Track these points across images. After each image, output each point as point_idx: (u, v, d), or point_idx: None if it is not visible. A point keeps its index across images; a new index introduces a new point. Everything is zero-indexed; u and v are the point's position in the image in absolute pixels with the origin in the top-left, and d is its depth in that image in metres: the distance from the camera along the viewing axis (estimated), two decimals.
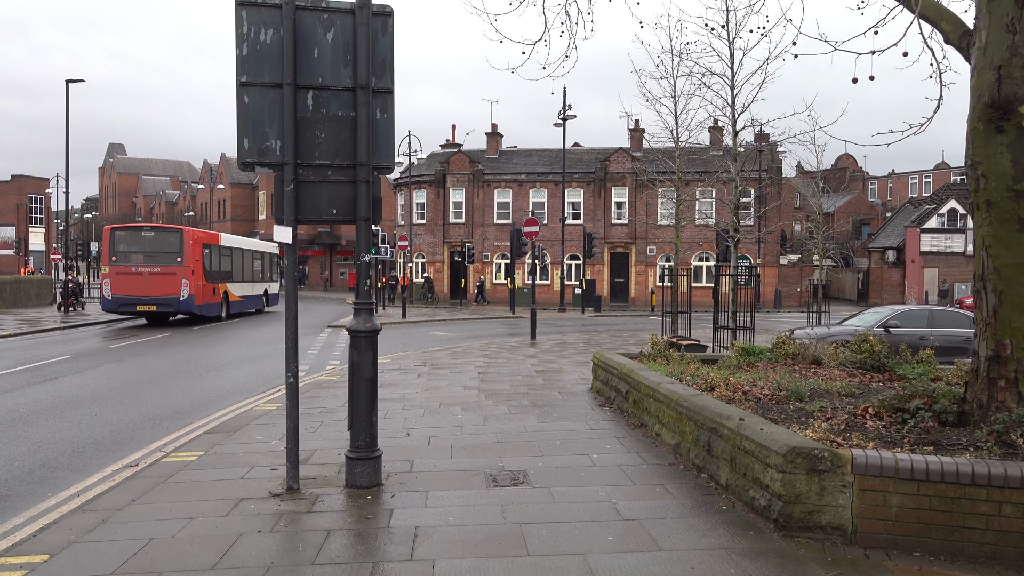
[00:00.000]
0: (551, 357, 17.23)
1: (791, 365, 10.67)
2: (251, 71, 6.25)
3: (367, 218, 6.50)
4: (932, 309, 17.36)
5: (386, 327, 27.80)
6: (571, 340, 22.59)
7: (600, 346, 20.55)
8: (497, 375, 13.88)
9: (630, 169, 48.34)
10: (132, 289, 25.14)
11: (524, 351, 18.80)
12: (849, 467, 5.10)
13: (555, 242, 48.23)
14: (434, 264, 50.84)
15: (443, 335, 25.15)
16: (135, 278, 25.15)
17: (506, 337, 24.39)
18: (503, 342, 21.65)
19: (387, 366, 15.38)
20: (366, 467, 6.51)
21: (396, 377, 13.74)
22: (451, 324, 30.27)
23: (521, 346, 20.33)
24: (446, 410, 10.27)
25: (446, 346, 20.44)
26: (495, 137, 53.26)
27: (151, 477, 7.07)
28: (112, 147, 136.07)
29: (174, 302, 25.41)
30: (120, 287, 25.21)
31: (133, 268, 25.21)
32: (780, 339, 11.36)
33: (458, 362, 16.02)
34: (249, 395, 12.35)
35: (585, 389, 12.13)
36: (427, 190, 50.95)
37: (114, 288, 25.29)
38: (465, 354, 17.88)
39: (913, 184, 76.00)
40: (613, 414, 9.79)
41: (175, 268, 25.34)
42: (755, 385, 8.56)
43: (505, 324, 30.90)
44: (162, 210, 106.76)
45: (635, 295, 48.64)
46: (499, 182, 50.02)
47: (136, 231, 26.82)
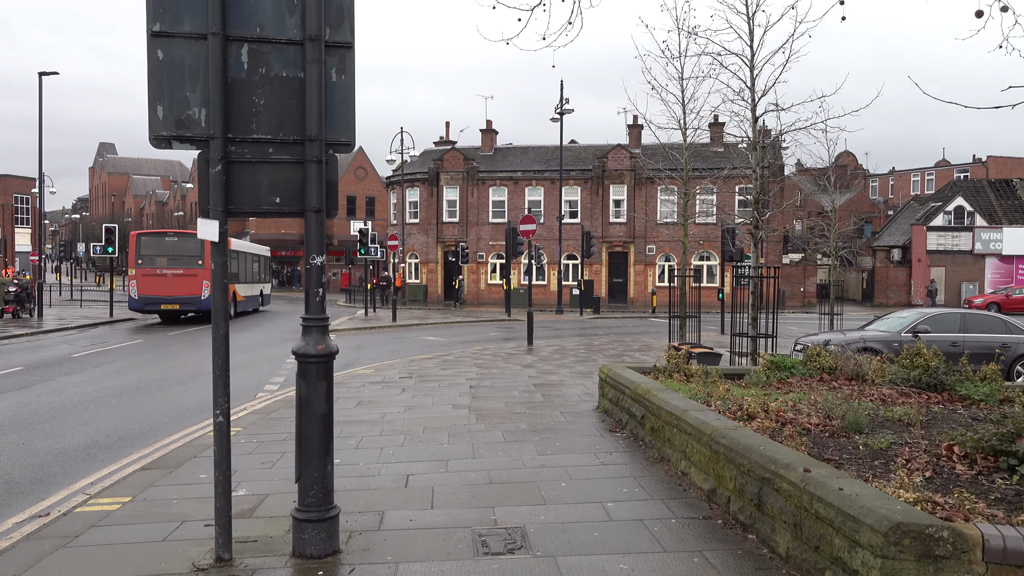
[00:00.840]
0: (550, 367, 15.78)
1: (828, 381, 9.24)
2: (167, 17, 4.79)
3: (319, 208, 5.03)
4: (964, 313, 15.97)
5: (375, 331, 26.32)
6: (570, 346, 21.15)
7: (602, 353, 19.10)
8: (491, 389, 12.42)
9: (629, 166, 46.97)
10: (157, 290, 27.05)
11: (520, 359, 17.35)
12: (979, 552, 3.65)
13: (552, 241, 46.78)
14: (427, 264, 49.36)
15: (434, 340, 23.70)
16: (160, 279, 27.05)
17: (501, 342, 22.94)
18: (498, 348, 20.21)
19: (370, 378, 13.91)
20: (318, 531, 5.03)
21: (377, 393, 12.27)
22: (443, 328, 28.82)
23: (517, 353, 18.88)
24: (430, 437, 8.79)
25: (436, 353, 18.99)
26: (490, 134, 51.80)
27: (51, 537, 5.59)
28: (103, 147, 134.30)
29: (196, 301, 27.20)
30: (146, 288, 27.09)
31: (158, 270, 27.09)
32: (814, 351, 9.92)
33: (448, 373, 14.56)
34: (211, 415, 10.88)
35: (591, 408, 10.68)
36: (420, 188, 49.47)
37: (140, 289, 27.15)
38: (456, 363, 16.42)
39: (915, 182, 74.72)
40: (627, 443, 8.33)
41: (197, 270, 26.88)
42: (799, 412, 7.11)
43: (500, 328, 29.46)
44: (152, 210, 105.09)
45: (634, 296, 47.23)
46: (494, 180, 48.57)
47: (160, 236, 28.96)
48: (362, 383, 13.30)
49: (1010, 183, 52.44)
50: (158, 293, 27.09)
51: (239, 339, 22.14)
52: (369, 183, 71.84)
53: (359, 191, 71.95)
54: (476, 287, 48.62)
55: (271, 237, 67.64)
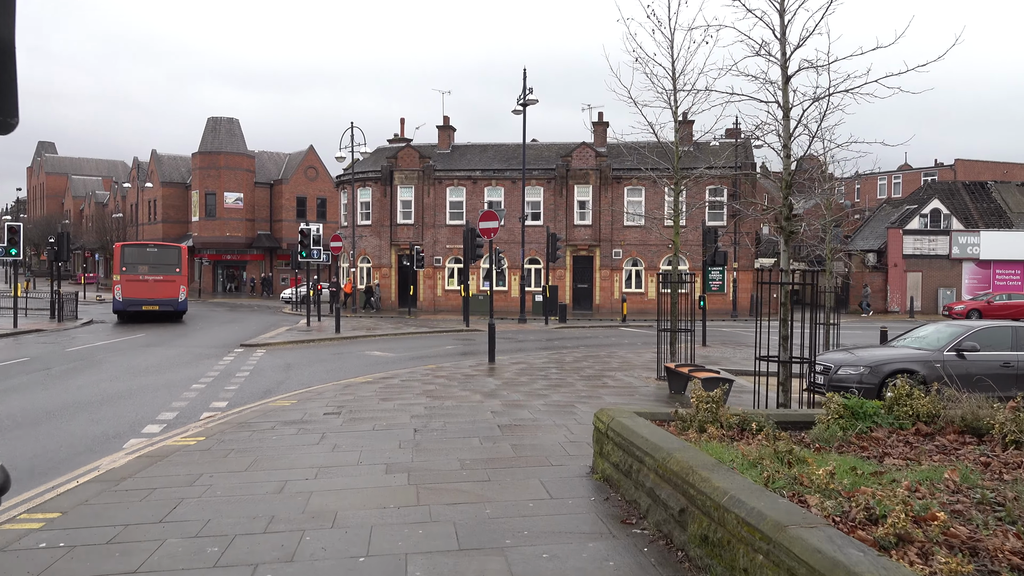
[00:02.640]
0: (519, 395, 12.68)
1: (930, 437, 6.32)
2: None
3: None
4: (1016, 327, 13.27)
5: (314, 345, 23.01)
6: (539, 363, 18.11)
7: (577, 373, 16.08)
8: (441, 436, 9.28)
9: (594, 165, 44.21)
10: (139, 293, 30.75)
11: (481, 383, 14.24)
12: None
13: (513, 244, 43.76)
14: (380, 269, 45.98)
15: (381, 356, 20.48)
16: (142, 284, 30.84)
17: (458, 358, 19.83)
18: (454, 367, 17.08)
19: (286, 415, 10.69)
20: None
21: (287, 440, 9.06)
22: (394, 341, 25.57)
23: (477, 374, 15.77)
24: (338, 543, 5.59)
25: (380, 374, 15.79)
26: (447, 131, 48.66)
27: None
28: (41, 145, 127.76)
29: (173, 303, 31.39)
30: (129, 292, 30.67)
31: (140, 276, 30.84)
32: (901, 390, 6.98)
33: (388, 407, 11.38)
34: (44, 478, 7.59)
35: (582, 470, 7.58)
36: (373, 188, 46.11)
37: (124, 293, 30.60)
38: (402, 390, 13.25)
39: (882, 185, 73.35)
40: (656, 554, 5.23)
41: (174, 277, 31.54)
42: (968, 519, 4.13)
43: (458, 340, 26.31)
44: (92, 211, 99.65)
45: (600, 302, 44.43)
46: (452, 179, 45.42)
47: (142, 247, 33.05)
48: (272, 424, 10.07)
49: (984, 185, 50.90)
50: (140, 296, 30.75)
51: (90, 378, 18.73)
52: (320, 184, 68.17)
53: (309, 192, 68.28)
54: (432, 293, 45.41)
55: (214, 240, 63.66)
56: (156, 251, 32.39)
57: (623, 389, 13.76)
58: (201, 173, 63.44)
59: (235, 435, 9.32)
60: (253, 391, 13.81)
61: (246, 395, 13.33)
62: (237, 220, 63.96)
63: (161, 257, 31.91)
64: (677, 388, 13.36)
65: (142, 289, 30.80)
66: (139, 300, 30.66)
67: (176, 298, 31.37)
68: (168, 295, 31.22)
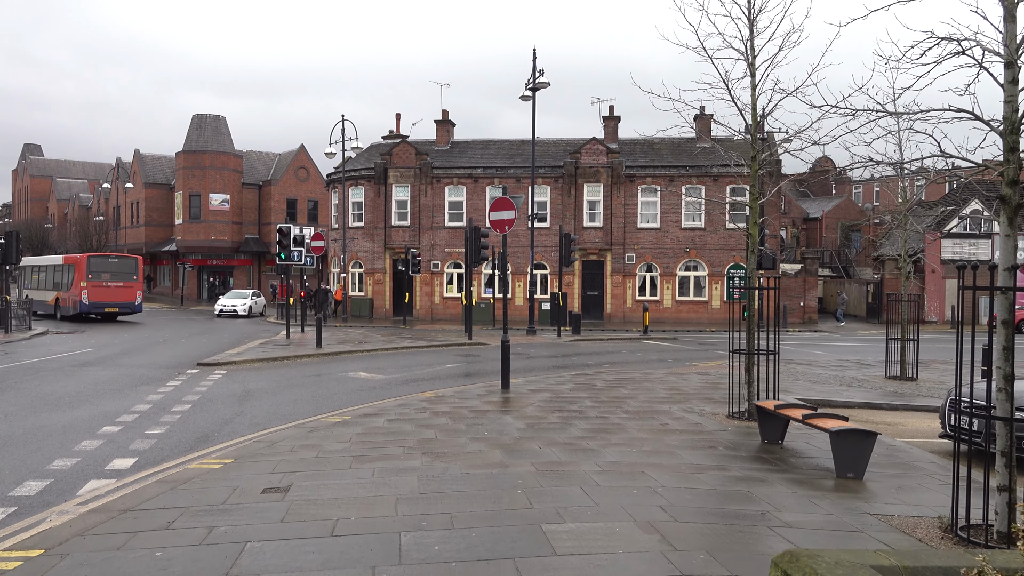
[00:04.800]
0: (556, 452, 8.86)
1: None
2: None
3: None
4: None
5: (288, 364, 19.19)
6: (565, 390, 14.33)
7: (621, 406, 12.27)
8: (449, 556, 5.52)
9: (605, 162, 40.53)
10: (102, 297, 34.52)
11: (497, 426, 10.46)
12: None
13: (519, 248, 40.03)
14: (374, 274, 42.17)
15: (367, 379, 16.67)
16: (104, 289, 34.64)
17: (462, 381, 16.07)
18: (458, 397, 13.29)
19: (202, 493, 6.88)
20: None
21: (176, 566, 5.28)
22: (384, 357, 21.75)
23: (489, 408, 11.99)
24: None
25: (362, 409, 12.00)
26: (446, 125, 44.98)
27: None
28: (27, 148, 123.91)
29: (131, 305, 35.76)
30: (94, 296, 34.30)
31: (103, 283, 34.72)
32: None
33: (363, 477, 7.57)
34: None
35: None
36: (365, 187, 42.35)
37: (90, 297, 34.18)
38: (387, 442, 9.44)
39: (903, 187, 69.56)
40: None
41: (132, 283, 36.04)
42: None
43: (460, 356, 22.49)
44: (76, 215, 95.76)
45: (611, 311, 40.65)
46: (451, 177, 41.67)
47: (105, 258, 37.20)
48: (171, 518, 6.27)
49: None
50: (103, 300, 34.54)
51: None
52: (312, 185, 64.35)
53: (300, 194, 64.44)
54: (430, 301, 41.60)
55: (199, 244, 59.82)
56: (117, 261, 36.79)
57: (694, 436, 9.98)
58: (185, 173, 59.63)
59: (94, 549, 5.53)
60: (182, 438, 10.00)
61: (170, 445, 9.54)
62: (223, 223, 60.10)
63: (121, 266, 36.34)
64: (772, 435, 9.60)
65: (105, 294, 34.66)
66: (102, 303, 34.61)
67: (133, 301, 35.84)
68: (127, 299, 35.55)
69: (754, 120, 11.58)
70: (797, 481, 7.65)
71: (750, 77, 11.51)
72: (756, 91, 11.48)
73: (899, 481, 7.82)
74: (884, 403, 14.06)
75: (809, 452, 9.14)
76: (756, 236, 11.83)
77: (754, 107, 11.54)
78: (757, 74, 11.46)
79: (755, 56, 11.42)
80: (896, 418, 12.95)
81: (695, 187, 41.14)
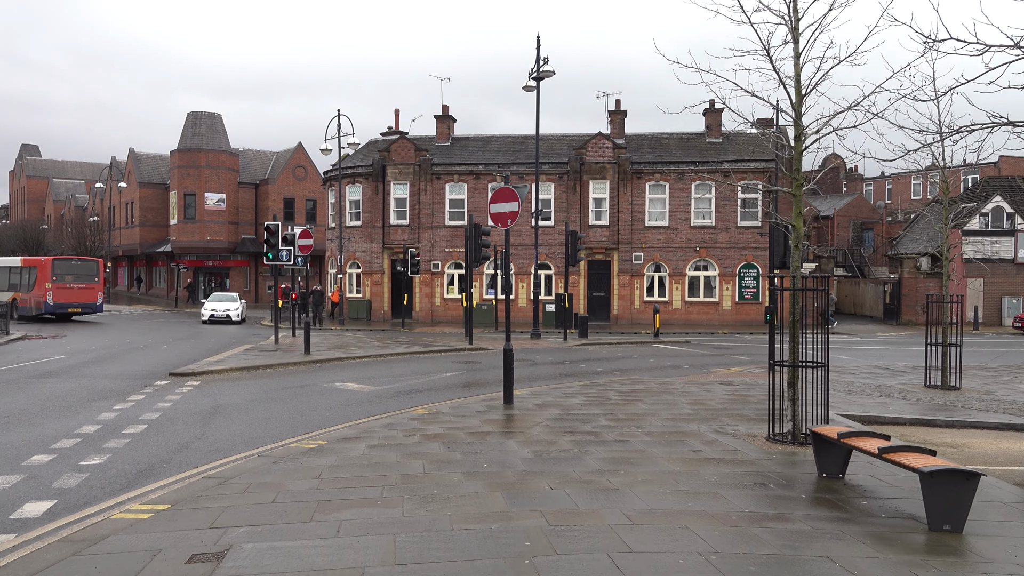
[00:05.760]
0: (570, 495, 7.19)
1: None
2: None
3: None
4: None
5: (271, 372, 17.55)
6: (576, 404, 12.68)
7: (640, 425, 10.61)
8: None
9: (612, 158, 38.85)
10: (66, 298, 35.52)
11: (498, 455, 8.81)
12: None
13: (523, 247, 38.38)
14: (372, 275, 40.54)
15: (355, 390, 15.03)
16: (68, 291, 35.66)
17: (460, 393, 14.43)
18: (455, 414, 11.64)
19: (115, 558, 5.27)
20: None
21: None
22: (377, 364, 20.10)
23: (490, 430, 10.34)
24: None
25: (342, 430, 10.35)
26: (446, 121, 43.32)
27: None
28: (25, 148, 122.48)
29: (92, 305, 36.76)
30: (58, 297, 35.23)
31: (67, 285, 35.71)
32: None
33: (326, 533, 5.92)
34: None
35: None
36: (363, 184, 40.72)
37: (54, 298, 35.09)
38: (364, 475, 7.79)
39: (916, 185, 67.94)
40: None
41: (94, 285, 37.03)
42: None
43: (459, 363, 20.83)
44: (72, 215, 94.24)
45: (618, 312, 38.95)
46: (451, 174, 40.03)
47: (68, 260, 37.91)
48: None
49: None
50: (66, 300, 35.58)
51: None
52: (309, 184, 62.75)
53: (298, 193, 62.84)
54: (430, 302, 39.97)
55: (195, 245, 58.27)
56: (80, 264, 37.91)
57: (736, 468, 8.31)
58: (180, 172, 58.05)
59: None
60: (121, 471, 8.36)
61: (103, 481, 7.91)
62: (219, 223, 58.52)
63: (84, 269, 37.53)
64: (831, 468, 7.92)
65: (68, 295, 35.77)
66: (66, 304, 35.73)
67: (94, 302, 36.95)
68: (89, 300, 36.74)
69: (798, 94, 9.89)
70: (881, 538, 5.98)
71: (793, 44, 9.85)
72: (800, 59, 9.82)
73: (1008, 532, 6.16)
74: (938, 419, 12.38)
75: (880, 490, 7.48)
76: (800, 228, 10.16)
77: (798, 78, 9.86)
78: (801, 40, 9.81)
79: (799, 19, 9.75)
80: (957, 437, 11.27)
81: (705, 184, 39.44)
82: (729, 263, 38.88)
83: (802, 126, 9.98)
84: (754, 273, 38.92)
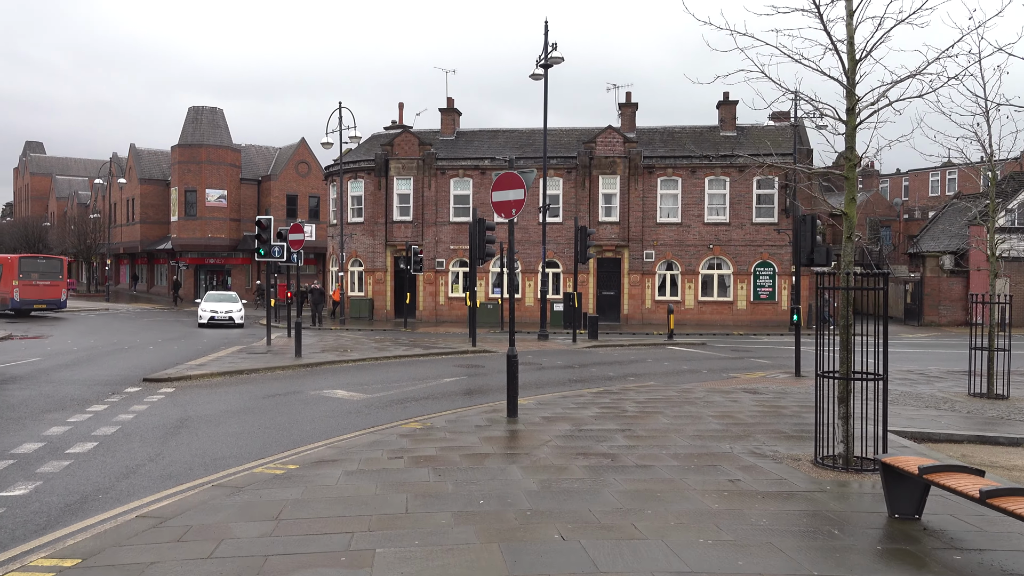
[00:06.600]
0: (587, 548, 5.71)
1: None
2: None
3: None
4: None
5: (257, 377, 16.14)
6: (588, 417, 11.24)
7: (662, 444, 9.17)
8: None
9: (622, 152, 37.37)
10: (32, 295, 36.83)
11: (497, 486, 7.37)
12: None
13: (530, 244, 36.95)
14: (374, 273, 39.18)
15: (345, 398, 13.63)
16: (34, 288, 37.04)
17: (460, 402, 13.01)
18: (452, 430, 10.22)
19: None
20: None
21: None
22: (372, 369, 18.69)
23: (490, 451, 8.91)
24: None
25: (321, 449, 8.95)
26: (451, 114, 41.96)
27: None
28: (28, 145, 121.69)
29: (57, 302, 38.09)
30: (24, 294, 36.52)
31: (33, 282, 37.08)
32: None
33: None
34: None
35: None
36: (365, 180, 39.35)
37: (21, 294, 36.28)
38: (332, 517, 6.37)
39: (935, 182, 66.14)
40: None
41: (58, 282, 38.48)
42: None
43: (461, 367, 19.41)
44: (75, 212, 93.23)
45: (628, 312, 37.47)
46: (456, 169, 38.62)
47: (34, 259, 39.56)
48: None
49: None
50: (33, 297, 36.92)
51: None
52: (313, 180, 61.39)
53: (301, 189, 61.50)
54: (434, 301, 38.60)
55: (196, 242, 57.03)
56: (45, 262, 39.55)
57: (784, 504, 6.85)
58: (181, 168, 56.78)
59: None
60: (44, 506, 6.96)
61: (17, 522, 6.50)
62: (220, 220, 57.23)
63: (48, 267, 39.07)
64: (905, 506, 6.46)
65: (34, 292, 37.18)
66: (32, 300, 37.07)
67: (59, 298, 38.35)
68: (53, 296, 38.12)
69: (851, 59, 8.42)
70: None
71: (845, 1, 8.39)
72: (854, 18, 8.36)
73: None
74: (1000, 436, 10.89)
75: (971, 538, 6.01)
76: (854, 216, 8.70)
77: (850, 40, 8.40)
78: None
79: None
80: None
81: (719, 179, 37.95)
82: (744, 261, 37.35)
83: (856, 96, 8.51)
84: (770, 272, 37.39)
